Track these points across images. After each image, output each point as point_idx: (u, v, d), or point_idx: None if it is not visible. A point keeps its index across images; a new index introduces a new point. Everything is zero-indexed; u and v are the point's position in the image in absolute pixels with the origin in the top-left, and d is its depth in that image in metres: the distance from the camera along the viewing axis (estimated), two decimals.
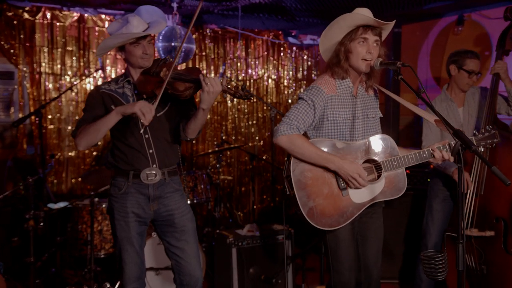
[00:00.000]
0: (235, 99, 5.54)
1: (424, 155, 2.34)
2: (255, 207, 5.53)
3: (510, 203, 2.83)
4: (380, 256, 2.51)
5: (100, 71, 4.70)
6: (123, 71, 4.81)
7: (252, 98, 2.35)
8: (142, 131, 2.38)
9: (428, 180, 3.96)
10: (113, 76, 4.82)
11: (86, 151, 4.74)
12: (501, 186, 2.86)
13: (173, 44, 4.03)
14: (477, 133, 2.43)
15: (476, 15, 4.11)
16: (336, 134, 2.37)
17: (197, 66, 5.32)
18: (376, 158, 2.35)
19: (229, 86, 2.31)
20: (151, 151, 2.49)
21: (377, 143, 2.37)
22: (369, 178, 2.35)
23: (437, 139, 3.20)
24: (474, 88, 3.25)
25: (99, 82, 4.77)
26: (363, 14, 2.25)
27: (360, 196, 2.32)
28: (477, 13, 4.08)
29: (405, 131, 4.92)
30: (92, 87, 4.75)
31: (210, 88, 2.26)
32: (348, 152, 2.33)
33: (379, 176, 2.34)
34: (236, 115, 5.62)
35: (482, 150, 2.42)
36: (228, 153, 5.52)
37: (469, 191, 2.96)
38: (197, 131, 2.47)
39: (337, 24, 2.30)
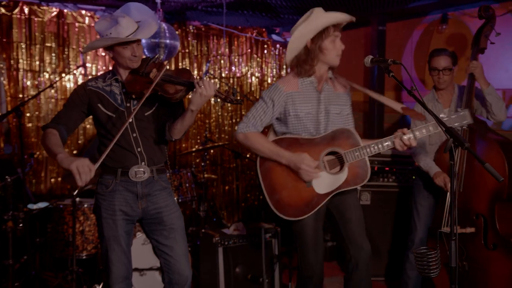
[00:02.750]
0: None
1: (386, 143, 2.43)
2: (239, 205, 5.49)
3: (489, 199, 2.86)
4: (363, 228, 2.58)
5: (80, 68, 4.58)
6: (104, 68, 4.77)
7: (242, 103, 2.35)
8: (75, 192, 2.27)
9: (413, 177, 4.00)
10: (94, 73, 4.71)
11: (66, 150, 4.63)
12: (479, 183, 2.89)
13: (157, 40, 3.95)
14: (444, 116, 2.42)
15: (460, 14, 4.14)
16: (300, 128, 2.52)
17: (180, 64, 5.25)
18: (338, 150, 2.46)
19: (219, 91, 2.27)
20: (139, 149, 2.46)
21: (339, 135, 2.49)
22: (334, 171, 2.49)
23: (424, 139, 3.23)
24: (457, 87, 3.27)
25: (80, 80, 4.66)
26: (337, 14, 2.41)
27: (323, 186, 2.46)
28: (461, 11, 4.12)
29: (390, 129, 4.94)
30: (72, 85, 4.64)
31: (203, 91, 2.21)
32: (311, 146, 2.47)
33: (342, 167, 2.46)
34: (219, 113, 5.56)
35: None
36: (212, 151, 5.46)
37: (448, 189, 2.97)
38: (183, 132, 2.42)
39: (311, 25, 2.43)
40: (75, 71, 4.61)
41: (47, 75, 4.52)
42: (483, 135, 2.96)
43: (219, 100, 2.29)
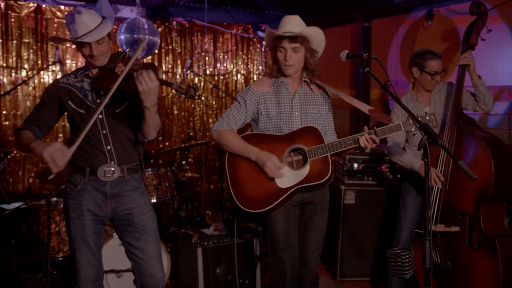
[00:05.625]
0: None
1: (349, 141, 2.46)
2: (224, 205, 5.41)
3: (474, 197, 2.82)
4: (319, 247, 2.70)
5: (59, 65, 4.48)
6: (83, 64, 4.66)
7: (203, 99, 2.32)
8: (51, 176, 2.21)
9: (398, 176, 3.94)
10: (73, 69, 4.61)
11: None
12: (465, 181, 2.85)
13: (135, 36, 3.86)
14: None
15: (445, 10, 4.10)
16: (271, 127, 2.61)
17: (163, 60, 5.17)
18: (302, 147, 2.53)
19: (180, 86, 2.19)
20: (108, 147, 2.40)
21: (305, 133, 2.57)
22: (297, 166, 2.57)
23: (403, 137, 3.21)
24: (439, 84, 3.20)
25: (59, 76, 4.56)
26: (272, 31, 2.55)
27: (285, 181, 2.53)
28: (446, 7, 4.07)
29: (376, 127, 4.87)
30: (51, 81, 4.54)
31: (144, 86, 2.14)
32: (277, 142, 2.57)
33: (305, 163, 2.53)
34: (204, 111, 5.48)
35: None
36: (197, 149, 5.38)
37: (435, 186, 2.92)
38: (153, 131, 2.36)
39: (267, 36, 2.60)
40: (53, 68, 4.51)
41: (24, 72, 4.42)
42: (471, 132, 2.91)
43: (178, 94, 2.23)
